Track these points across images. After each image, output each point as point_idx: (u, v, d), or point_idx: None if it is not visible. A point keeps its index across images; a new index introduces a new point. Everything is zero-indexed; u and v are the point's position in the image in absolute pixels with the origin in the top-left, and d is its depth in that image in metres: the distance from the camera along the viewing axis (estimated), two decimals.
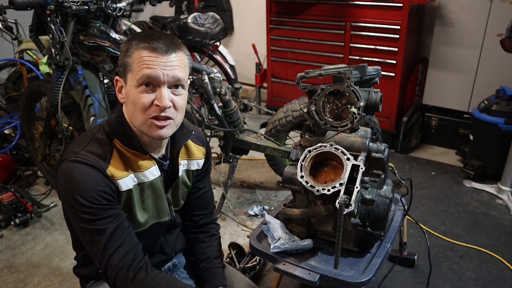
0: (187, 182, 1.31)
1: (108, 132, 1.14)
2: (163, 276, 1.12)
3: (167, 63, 1.04)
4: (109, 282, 1.08)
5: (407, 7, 2.94)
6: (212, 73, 2.39)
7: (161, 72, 1.03)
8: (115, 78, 1.13)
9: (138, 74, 1.04)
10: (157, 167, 1.19)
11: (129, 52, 1.06)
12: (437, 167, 3.09)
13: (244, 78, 4.54)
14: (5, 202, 2.53)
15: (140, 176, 1.15)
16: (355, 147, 1.47)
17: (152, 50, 1.03)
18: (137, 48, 1.05)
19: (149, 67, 1.03)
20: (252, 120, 2.76)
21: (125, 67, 1.07)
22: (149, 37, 1.05)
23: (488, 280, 2.00)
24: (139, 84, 1.04)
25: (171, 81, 1.06)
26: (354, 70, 1.56)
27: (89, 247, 1.09)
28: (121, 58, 1.09)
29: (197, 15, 3.63)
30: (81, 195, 1.03)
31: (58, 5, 2.05)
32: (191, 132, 1.28)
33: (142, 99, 1.05)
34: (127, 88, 1.08)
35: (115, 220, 1.07)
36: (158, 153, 1.20)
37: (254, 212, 2.55)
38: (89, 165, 1.06)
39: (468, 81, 3.20)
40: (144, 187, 1.17)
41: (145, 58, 1.03)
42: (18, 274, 2.11)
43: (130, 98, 1.07)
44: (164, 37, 1.06)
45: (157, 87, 1.05)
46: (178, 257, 1.43)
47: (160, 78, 1.04)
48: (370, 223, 1.45)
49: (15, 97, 3.67)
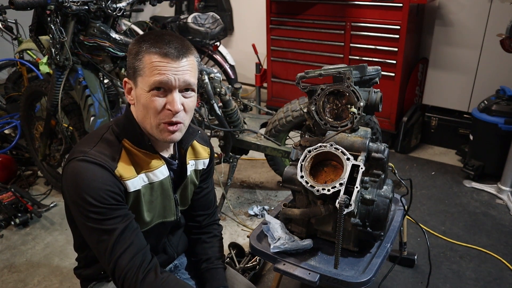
0: (195, 181, 1.33)
1: (117, 133, 1.14)
2: (172, 279, 1.12)
3: (178, 68, 1.04)
4: (116, 283, 1.07)
5: (407, 7, 2.94)
6: (212, 73, 2.39)
7: (172, 77, 1.04)
8: (124, 80, 1.13)
9: (150, 80, 1.04)
10: (166, 167, 1.20)
11: (139, 56, 1.05)
12: (437, 167, 3.09)
13: (244, 78, 4.54)
14: (5, 202, 2.53)
15: (150, 175, 1.16)
16: (355, 147, 1.47)
17: (164, 55, 1.03)
18: (148, 52, 1.04)
19: (160, 73, 1.03)
20: (252, 120, 2.76)
21: (135, 70, 1.07)
22: (160, 41, 1.04)
23: (488, 280, 2.00)
24: (151, 89, 1.05)
25: (182, 85, 1.06)
26: (354, 70, 1.56)
27: (96, 247, 1.08)
28: (130, 61, 1.08)
29: (197, 15, 3.63)
30: (90, 194, 1.03)
31: (58, 5, 2.05)
32: (198, 132, 1.30)
33: (154, 103, 1.05)
34: (138, 91, 1.08)
35: (123, 220, 1.07)
36: (167, 153, 1.22)
37: (254, 212, 2.55)
38: (98, 165, 1.06)
39: (468, 81, 3.20)
40: (154, 187, 1.18)
41: (157, 64, 1.03)
42: (18, 274, 2.11)
43: (141, 102, 1.08)
44: (175, 41, 1.06)
45: (168, 92, 1.06)
46: (180, 258, 1.43)
47: (172, 83, 1.04)
48: (370, 223, 1.45)
49: (15, 97, 3.67)
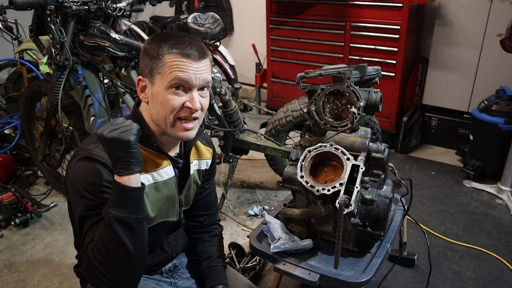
0: (197, 181, 1.35)
1: None
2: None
3: (199, 68, 1.10)
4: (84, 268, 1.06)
5: (407, 7, 2.94)
6: (212, 73, 2.38)
7: (193, 76, 1.09)
8: (137, 78, 1.15)
9: (170, 76, 1.07)
10: (171, 167, 1.22)
11: (159, 55, 1.09)
12: (437, 167, 3.09)
13: (244, 78, 4.54)
14: (5, 202, 2.53)
15: (156, 175, 1.18)
16: (355, 147, 1.47)
17: (186, 56, 1.08)
18: (170, 52, 1.08)
19: (182, 71, 1.07)
20: (252, 120, 2.76)
21: (153, 68, 1.10)
22: (182, 43, 1.09)
23: (488, 280, 2.00)
24: (170, 86, 1.08)
25: (201, 84, 1.12)
26: (354, 70, 1.56)
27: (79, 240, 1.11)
28: (147, 59, 1.11)
29: (197, 15, 3.63)
30: (85, 188, 1.05)
31: (58, 5, 2.05)
32: (202, 132, 1.32)
33: (173, 101, 1.09)
34: (155, 89, 1.10)
35: None
36: (173, 152, 1.24)
37: (254, 212, 2.55)
38: (102, 163, 1.07)
39: (468, 81, 3.20)
40: (158, 187, 1.20)
41: (178, 63, 1.08)
42: (18, 274, 2.11)
43: (158, 99, 1.10)
44: (196, 43, 1.12)
45: (188, 90, 1.10)
46: (180, 257, 1.42)
47: (192, 82, 1.09)
48: (370, 223, 1.45)
49: (15, 97, 3.67)
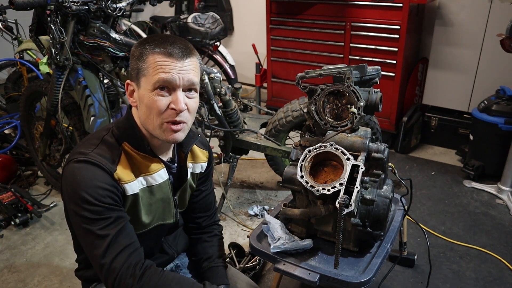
0: (192, 185, 1.34)
1: (117, 135, 1.14)
2: (169, 272, 1.13)
3: (182, 67, 1.06)
4: (107, 284, 1.06)
5: (407, 7, 2.94)
6: (212, 73, 2.38)
7: (177, 76, 1.05)
8: (126, 82, 1.14)
9: (154, 78, 1.05)
10: (165, 170, 1.21)
11: (143, 57, 1.07)
12: (437, 167, 3.09)
13: (244, 78, 4.54)
14: (5, 202, 2.53)
15: (149, 179, 1.17)
16: (355, 147, 1.47)
17: (168, 55, 1.05)
18: (153, 53, 1.06)
19: (165, 71, 1.04)
20: (252, 120, 2.76)
21: (139, 71, 1.08)
22: (164, 42, 1.07)
23: (488, 280, 2.00)
24: (155, 88, 1.06)
25: (186, 84, 1.08)
26: (354, 70, 1.56)
27: (89, 249, 1.07)
28: (133, 63, 1.10)
29: (197, 15, 3.63)
30: (87, 192, 1.03)
31: (58, 5, 2.05)
32: (198, 136, 1.30)
33: (158, 102, 1.06)
34: (141, 91, 1.09)
35: (117, 223, 1.07)
36: (166, 156, 1.22)
37: (254, 212, 2.55)
38: (98, 166, 1.06)
39: (468, 81, 3.20)
40: (153, 190, 1.19)
41: (161, 63, 1.05)
42: (18, 274, 2.11)
43: (144, 102, 1.08)
44: (179, 42, 1.09)
45: (172, 91, 1.07)
46: (181, 258, 1.43)
47: (176, 82, 1.06)
48: (370, 223, 1.45)
49: (15, 97, 3.67)
